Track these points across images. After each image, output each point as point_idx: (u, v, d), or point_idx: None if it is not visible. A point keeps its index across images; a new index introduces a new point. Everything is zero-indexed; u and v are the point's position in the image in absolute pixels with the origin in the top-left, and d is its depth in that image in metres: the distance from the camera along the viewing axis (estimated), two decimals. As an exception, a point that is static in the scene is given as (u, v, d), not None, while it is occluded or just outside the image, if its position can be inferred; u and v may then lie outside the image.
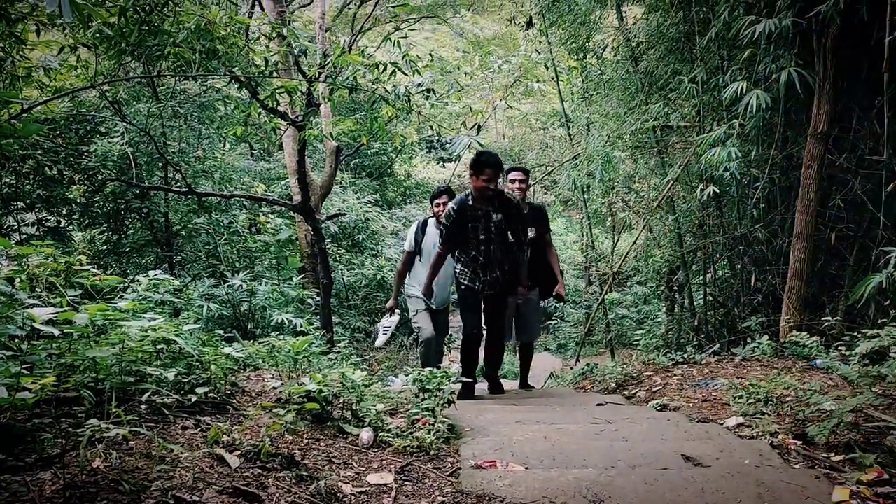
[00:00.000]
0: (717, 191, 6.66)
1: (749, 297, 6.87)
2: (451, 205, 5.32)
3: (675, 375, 5.59)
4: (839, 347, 4.78)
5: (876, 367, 4.22)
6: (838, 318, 5.37)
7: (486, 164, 5.13)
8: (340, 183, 13.05)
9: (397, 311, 6.51)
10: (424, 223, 6.31)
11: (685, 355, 6.24)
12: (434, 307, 6.26)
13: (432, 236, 6.15)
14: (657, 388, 5.39)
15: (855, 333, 4.68)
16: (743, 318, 6.72)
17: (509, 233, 5.36)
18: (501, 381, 6.38)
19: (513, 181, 6.08)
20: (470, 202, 5.23)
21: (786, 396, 4.07)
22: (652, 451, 3.26)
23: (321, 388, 3.36)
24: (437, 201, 6.18)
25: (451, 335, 11.84)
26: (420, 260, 6.26)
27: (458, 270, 5.58)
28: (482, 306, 5.63)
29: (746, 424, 3.82)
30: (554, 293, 6.07)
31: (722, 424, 3.92)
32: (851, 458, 3.07)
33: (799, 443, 3.37)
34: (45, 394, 2.40)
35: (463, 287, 5.56)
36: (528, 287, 5.71)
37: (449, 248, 5.51)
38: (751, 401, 4.11)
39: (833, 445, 3.26)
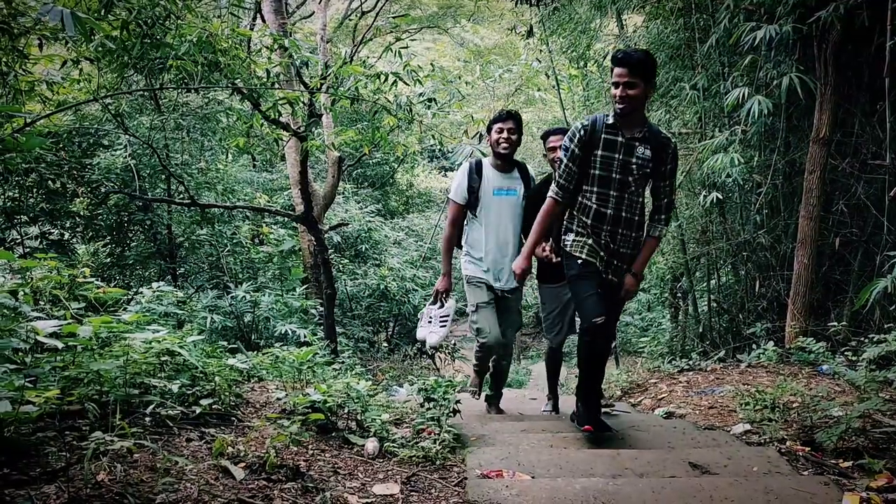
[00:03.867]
0: (720, 197, 6.65)
1: (753, 303, 6.85)
2: (579, 122, 3.64)
3: (680, 382, 5.57)
4: (845, 353, 4.77)
5: (883, 372, 4.21)
6: (844, 323, 5.36)
7: (619, 61, 3.46)
8: (343, 193, 13.07)
9: (452, 294, 4.80)
10: (479, 163, 4.66)
11: (690, 362, 6.22)
12: (505, 288, 4.64)
13: (493, 180, 4.60)
14: (663, 395, 5.37)
15: (861, 338, 4.67)
16: (748, 325, 6.70)
17: (651, 182, 3.67)
18: (505, 391, 5.15)
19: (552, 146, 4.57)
20: (610, 120, 3.57)
21: (793, 403, 4.05)
22: (659, 459, 3.24)
23: (326, 398, 3.35)
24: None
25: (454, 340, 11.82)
26: (476, 217, 4.61)
27: (568, 240, 3.76)
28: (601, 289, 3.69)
29: (754, 431, 3.80)
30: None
31: (729, 431, 3.90)
32: (860, 464, 3.05)
33: (807, 449, 3.35)
34: (49, 407, 2.39)
35: (580, 262, 3.66)
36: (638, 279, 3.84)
37: (569, 192, 3.67)
38: (757, 407, 4.09)
39: (841, 451, 3.24)
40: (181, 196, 8.68)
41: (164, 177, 8.83)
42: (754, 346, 6.06)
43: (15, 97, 5.88)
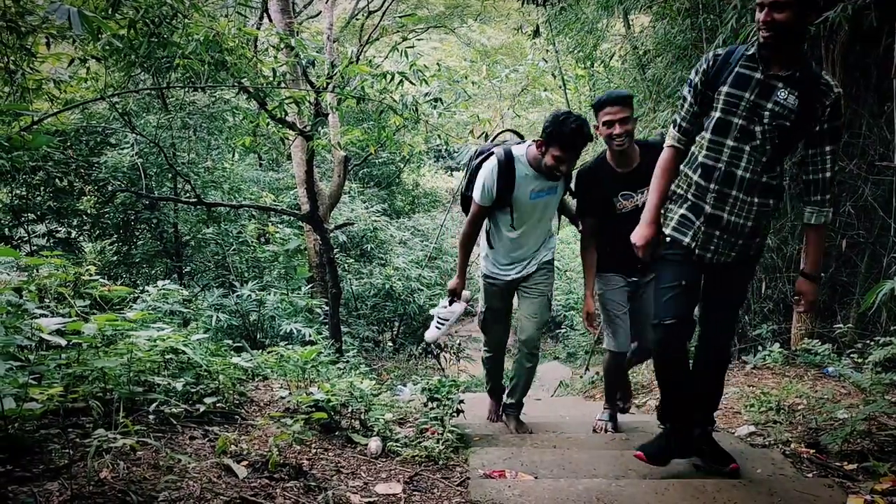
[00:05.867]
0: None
1: (759, 305, 6.82)
2: (712, 52, 2.92)
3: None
4: (851, 355, 4.75)
5: (889, 374, 4.19)
6: (850, 325, 5.33)
7: None
8: (349, 192, 13.08)
9: (465, 295, 4.19)
10: (510, 162, 3.75)
11: (695, 363, 6.18)
12: (521, 273, 4.01)
13: (530, 183, 3.77)
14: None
15: (867, 341, 4.64)
16: (754, 326, 6.67)
17: (799, 145, 2.86)
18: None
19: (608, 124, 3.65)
20: (750, 51, 2.81)
21: (798, 405, 4.04)
22: (662, 460, 3.23)
23: (329, 397, 3.35)
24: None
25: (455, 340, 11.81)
26: (510, 222, 3.88)
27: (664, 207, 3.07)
28: (692, 279, 2.99)
29: (758, 433, 3.79)
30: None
31: (734, 433, 3.88)
32: (865, 466, 3.05)
33: (812, 451, 3.34)
34: (52, 404, 2.40)
35: (667, 239, 3.02)
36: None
37: (692, 136, 2.97)
38: (763, 409, 4.08)
39: (846, 454, 3.23)
40: (188, 195, 8.70)
41: (170, 175, 8.86)
42: (760, 347, 6.04)
43: (22, 95, 5.91)
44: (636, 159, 3.77)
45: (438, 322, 4.24)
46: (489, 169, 3.78)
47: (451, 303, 4.17)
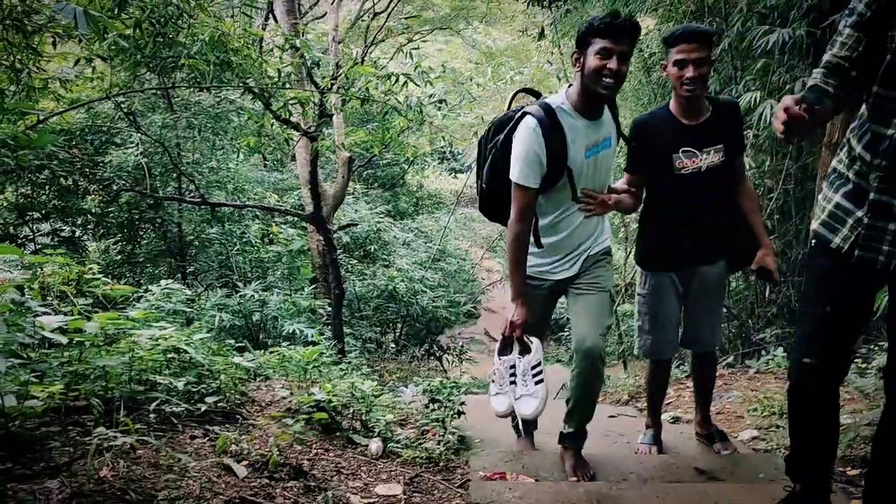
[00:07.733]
0: (731, 201, 6.60)
1: (763, 309, 6.80)
2: None
3: (688, 387, 5.53)
4: (855, 360, 4.72)
5: (893, 379, 4.16)
6: (854, 330, 5.30)
7: None
8: (353, 193, 13.09)
9: (532, 340, 2.97)
10: (552, 115, 2.83)
11: (698, 367, 6.17)
12: (574, 265, 3.09)
13: (581, 135, 2.88)
14: (670, 400, 5.33)
15: (871, 346, 4.62)
16: (757, 330, 6.65)
17: None
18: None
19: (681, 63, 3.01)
20: None
21: (801, 409, 4.02)
22: (664, 463, 3.23)
23: (331, 398, 3.35)
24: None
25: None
26: (574, 188, 2.92)
27: (820, 197, 2.28)
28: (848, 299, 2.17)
29: (761, 438, 3.78)
30: (755, 265, 3.12)
31: (736, 437, 3.87)
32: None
33: (814, 456, 3.32)
34: (53, 402, 2.40)
35: (829, 248, 2.15)
36: None
37: (837, 75, 2.06)
38: (765, 414, 4.06)
39: (849, 459, 3.22)
40: (192, 195, 8.72)
41: (175, 175, 8.87)
42: (763, 352, 6.02)
43: (28, 94, 5.92)
44: (705, 112, 3.13)
45: (536, 375, 2.91)
46: (530, 132, 2.80)
47: (522, 352, 2.91)
